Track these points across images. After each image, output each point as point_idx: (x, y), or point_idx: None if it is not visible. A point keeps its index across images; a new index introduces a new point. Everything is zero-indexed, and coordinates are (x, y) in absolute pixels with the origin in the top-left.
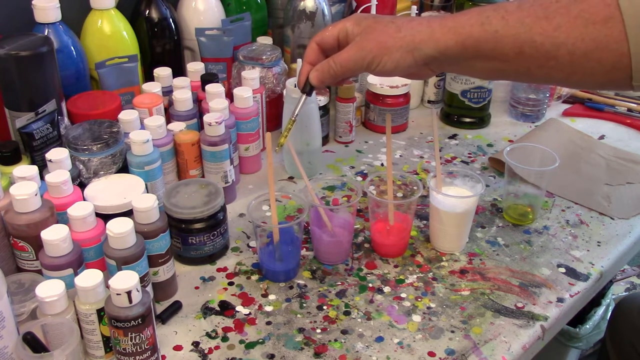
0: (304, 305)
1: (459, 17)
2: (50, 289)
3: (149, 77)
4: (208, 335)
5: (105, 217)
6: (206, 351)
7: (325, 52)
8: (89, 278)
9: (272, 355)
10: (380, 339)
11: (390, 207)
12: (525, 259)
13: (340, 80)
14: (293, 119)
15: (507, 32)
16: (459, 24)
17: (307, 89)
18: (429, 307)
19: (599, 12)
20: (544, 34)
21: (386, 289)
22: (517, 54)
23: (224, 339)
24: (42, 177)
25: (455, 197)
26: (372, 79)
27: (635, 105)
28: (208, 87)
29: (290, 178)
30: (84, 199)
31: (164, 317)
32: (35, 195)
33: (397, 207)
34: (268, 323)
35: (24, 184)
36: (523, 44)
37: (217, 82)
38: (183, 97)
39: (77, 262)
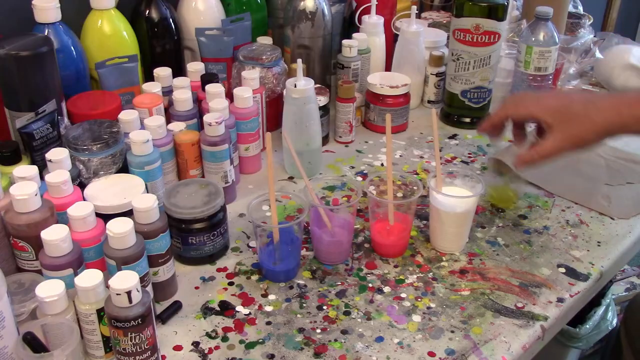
0: (304, 305)
1: None
2: (50, 289)
3: (149, 77)
4: (208, 335)
5: (105, 217)
6: (206, 351)
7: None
8: (89, 278)
9: (272, 355)
10: (380, 339)
11: (390, 207)
12: (525, 259)
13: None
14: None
15: None
16: None
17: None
18: (429, 307)
19: None
20: None
21: (386, 289)
22: None
23: (224, 339)
24: (42, 177)
25: (455, 197)
26: (372, 78)
27: None
28: (208, 87)
29: (290, 178)
30: (84, 199)
31: (164, 317)
32: (35, 195)
33: (397, 207)
34: (268, 323)
35: (24, 184)
36: None
37: (217, 82)
38: (183, 97)
39: (77, 262)
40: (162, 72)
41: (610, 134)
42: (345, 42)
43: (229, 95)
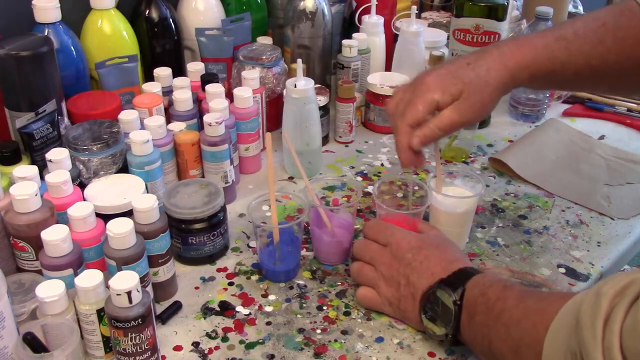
0: (304, 305)
1: (529, 54)
2: (50, 289)
3: (149, 77)
4: (208, 335)
5: (105, 217)
6: (206, 351)
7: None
8: (89, 278)
9: (272, 356)
10: (380, 340)
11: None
12: (525, 259)
13: None
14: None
15: (570, 61)
16: (531, 62)
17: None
18: None
19: (639, 33)
20: (599, 57)
21: None
22: (576, 76)
23: (224, 339)
24: (42, 177)
25: (455, 198)
26: (372, 78)
27: (635, 105)
28: (208, 87)
29: (290, 178)
30: (84, 199)
31: (164, 317)
32: (35, 195)
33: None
34: (268, 323)
35: (24, 184)
36: (583, 69)
37: (217, 82)
38: (183, 97)
39: (77, 262)
40: (162, 72)
41: (506, 89)
42: (345, 42)
43: (229, 95)
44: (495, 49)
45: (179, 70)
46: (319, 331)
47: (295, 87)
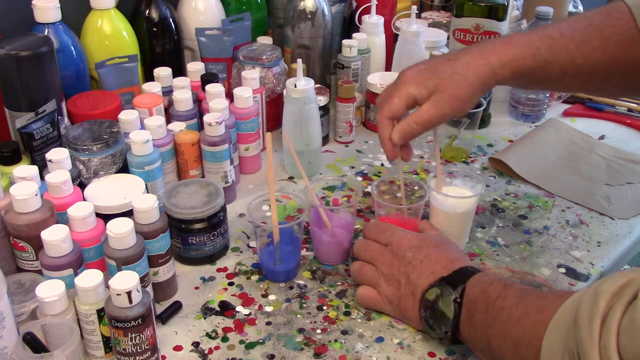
0: (304, 305)
1: (512, 50)
2: (50, 289)
3: (149, 77)
4: (208, 335)
5: (105, 217)
6: (206, 351)
7: (396, 121)
8: (89, 278)
9: (272, 356)
10: (380, 340)
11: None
12: (525, 259)
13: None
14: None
15: (554, 60)
16: (514, 58)
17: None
18: None
19: (625, 33)
20: (584, 57)
21: None
22: (561, 75)
23: (224, 339)
24: (42, 177)
25: (455, 198)
26: (372, 78)
27: (635, 105)
28: (208, 87)
29: (290, 178)
30: (84, 199)
31: (164, 317)
32: (35, 195)
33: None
34: (268, 323)
35: (24, 184)
36: (567, 68)
37: (217, 82)
38: (183, 97)
39: (77, 262)
40: (162, 72)
41: (486, 85)
42: (345, 42)
43: (229, 95)
44: (477, 46)
45: (179, 70)
46: (319, 331)
47: (295, 87)
